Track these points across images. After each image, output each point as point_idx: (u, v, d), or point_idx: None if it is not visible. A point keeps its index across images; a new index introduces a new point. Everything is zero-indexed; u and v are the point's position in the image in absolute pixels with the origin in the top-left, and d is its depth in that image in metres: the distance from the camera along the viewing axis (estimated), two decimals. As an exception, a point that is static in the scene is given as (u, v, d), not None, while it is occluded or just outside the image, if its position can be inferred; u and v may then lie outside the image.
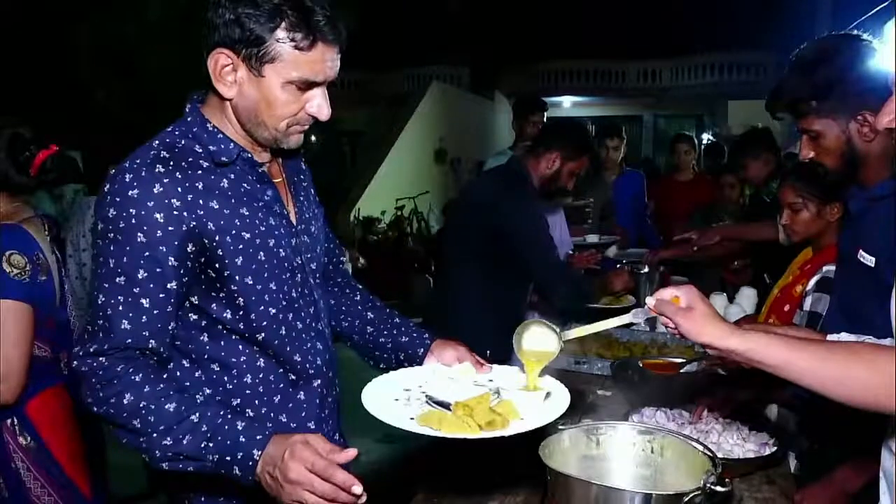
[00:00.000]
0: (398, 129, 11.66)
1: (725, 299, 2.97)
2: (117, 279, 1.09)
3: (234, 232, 1.14)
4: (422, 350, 1.38)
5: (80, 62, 9.04)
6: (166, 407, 1.07)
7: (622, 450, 1.35)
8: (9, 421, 1.69)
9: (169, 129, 1.19)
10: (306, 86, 1.12)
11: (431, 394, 1.21)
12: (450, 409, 1.14)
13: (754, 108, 13.36)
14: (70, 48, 9.02)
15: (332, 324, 1.41)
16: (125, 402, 1.07)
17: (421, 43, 15.43)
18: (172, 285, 1.11)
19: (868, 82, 1.32)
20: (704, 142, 17.35)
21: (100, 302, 1.09)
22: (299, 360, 1.24)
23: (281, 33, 1.06)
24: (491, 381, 1.29)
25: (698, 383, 1.94)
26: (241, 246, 1.15)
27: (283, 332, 1.21)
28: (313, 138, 21.70)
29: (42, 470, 1.72)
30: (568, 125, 2.80)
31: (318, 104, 1.15)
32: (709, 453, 1.23)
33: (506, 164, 2.75)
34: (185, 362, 1.20)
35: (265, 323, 1.19)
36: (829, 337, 1.24)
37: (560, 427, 1.30)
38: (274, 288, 1.19)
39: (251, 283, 1.16)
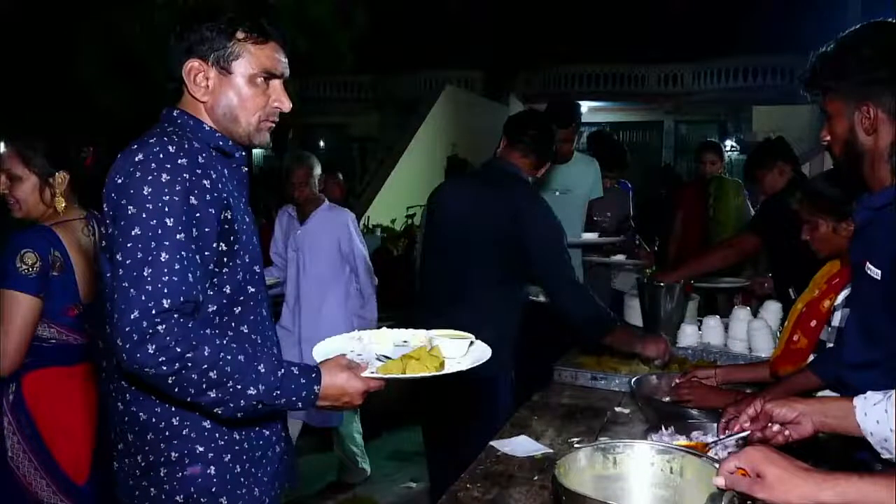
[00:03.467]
0: (410, 135, 11.71)
1: (749, 313, 2.95)
2: (177, 236, 1.19)
3: (239, 215, 1.33)
4: None
5: (83, 63, 9.18)
6: (238, 357, 1.20)
7: (640, 470, 1.34)
8: (8, 390, 1.97)
9: (157, 131, 1.29)
10: (269, 76, 1.35)
11: (380, 353, 1.45)
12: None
13: (781, 113, 13.39)
14: (74, 49, 9.16)
15: None
16: (205, 353, 1.16)
17: (434, 46, 15.52)
18: (214, 246, 1.26)
19: (880, 73, 1.32)
20: (728, 148, 17.37)
21: (163, 259, 1.16)
22: (260, 343, 1.40)
23: (240, 34, 1.32)
24: (406, 341, 1.53)
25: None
26: (244, 227, 1.35)
27: (252, 317, 1.38)
28: (322, 143, 21.86)
29: (29, 444, 1.97)
30: (531, 113, 2.80)
31: (280, 96, 1.38)
32: (731, 474, 1.22)
33: (498, 165, 2.53)
34: None
35: (250, 302, 1.36)
36: (857, 400, 1.24)
37: (576, 445, 1.30)
38: (258, 271, 1.39)
39: (248, 261, 1.34)
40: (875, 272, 1.35)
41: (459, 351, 1.45)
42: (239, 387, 1.19)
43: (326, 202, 3.67)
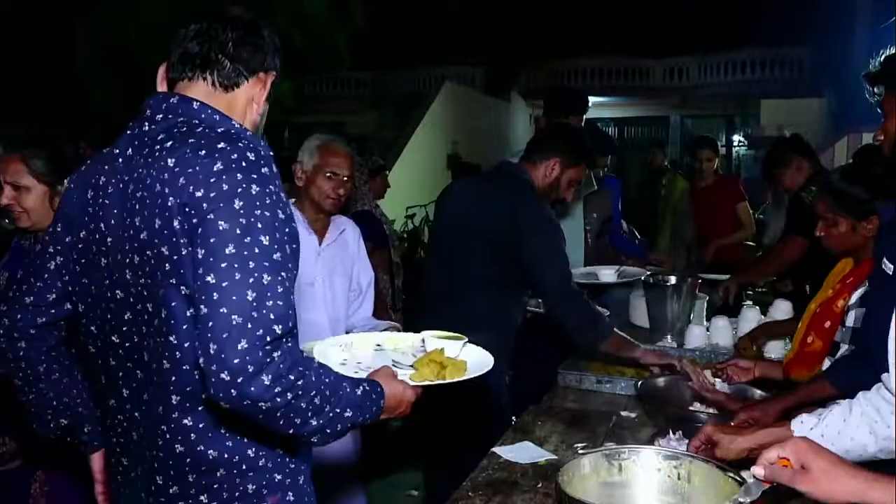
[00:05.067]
0: (409, 133, 11.70)
1: (759, 312, 2.94)
2: (274, 255, 1.12)
3: None
4: None
5: (79, 61, 9.20)
6: (328, 379, 1.17)
7: (646, 476, 1.33)
8: None
9: (218, 135, 1.22)
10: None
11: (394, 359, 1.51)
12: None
13: (789, 106, 13.36)
14: (69, 46, 9.18)
15: None
16: (312, 379, 1.13)
17: (432, 42, 15.51)
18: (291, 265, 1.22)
19: None
20: (736, 143, 17.37)
21: (265, 282, 1.08)
22: None
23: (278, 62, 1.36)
24: (380, 345, 1.61)
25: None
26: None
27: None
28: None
29: None
30: (566, 128, 2.75)
31: None
32: (739, 479, 1.21)
33: (508, 169, 2.57)
34: None
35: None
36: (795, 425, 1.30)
37: (580, 451, 1.29)
38: None
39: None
40: (889, 267, 1.36)
41: (453, 352, 1.48)
42: (338, 410, 1.17)
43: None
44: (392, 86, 16.73)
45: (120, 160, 1.25)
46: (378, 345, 1.61)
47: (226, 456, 1.23)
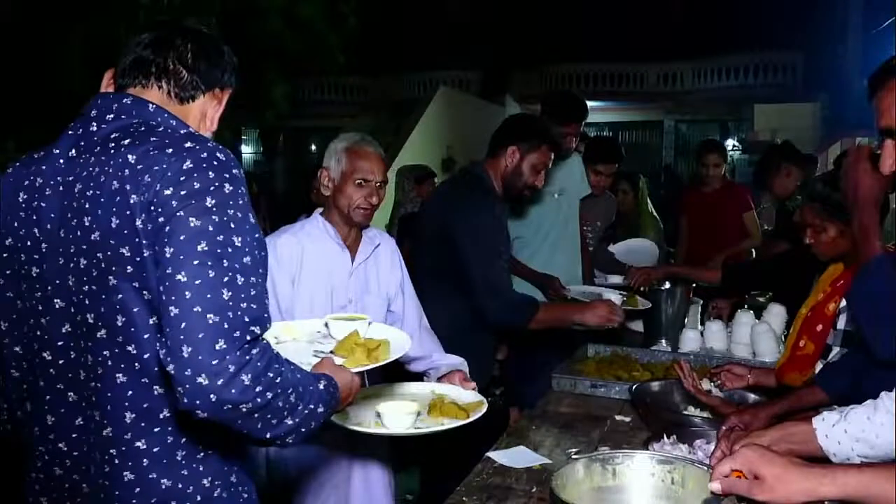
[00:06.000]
0: (403, 137, 11.71)
1: (752, 317, 2.95)
2: (244, 259, 1.07)
3: None
4: None
5: (66, 63, 9.18)
6: (301, 375, 1.14)
7: (640, 481, 1.33)
8: None
9: (184, 134, 1.18)
10: None
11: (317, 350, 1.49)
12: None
13: (783, 112, 13.43)
14: (63, 54, 9.17)
15: None
16: (288, 376, 1.08)
17: (427, 46, 15.54)
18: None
19: None
20: (730, 148, 17.41)
21: (240, 282, 1.04)
22: None
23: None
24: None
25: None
26: None
27: None
28: (313, 147, 21.78)
29: None
30: (520, 116, 2.79)
31: None
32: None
33: (469, 170, 2.67)
34: None
35: None
36: (816, 422, 1.29)
37: (574, 456, 1.29)
38: None
39: None
40: None
41: (363, 333, 1.50)
42: (311, 406, 1.12)
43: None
44: (387, 90, 16.76)
45: (61, 161, 1.16)
46: (275, 338, 1.53)
47: (180, 486, 1.14)
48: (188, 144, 1.11)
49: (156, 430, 1.13)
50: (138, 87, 1.22)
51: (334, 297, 1.97)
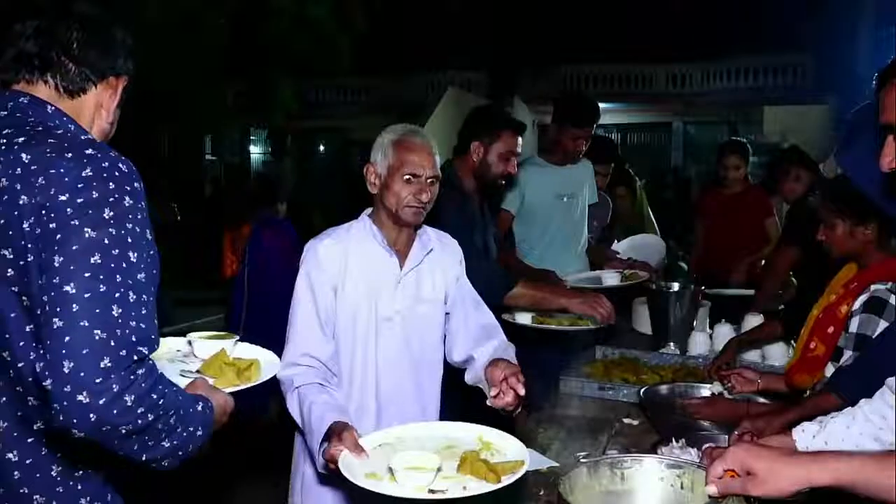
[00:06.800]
0: (411, 138, 11.72)
1: (761, 319, 2.93)
2: (139, 276, 1.03)
3: None
4: None
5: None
6: (183, 397, 1.09)
7: (649, 485, 1.32)
8: None
9: (79, 139, 1.11)
10: None
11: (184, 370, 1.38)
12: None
13: (792, 113, 13.34)
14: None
15: None
16: (171, 399, 1.04)
17: (436, 48, 15.55)
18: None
19: None
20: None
21: (131, 299, 1.00)
22: None
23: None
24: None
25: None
26: None
27: None
28: (322, 148, 21.83)
29: None
30: (477, 110, 2.78)
31: None
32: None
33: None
34: None
35: None
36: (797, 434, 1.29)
37: (582, 460, 1.28)
38: None
39: None
40: None
41: (212, 350, 1.40)
42: (190, 429, 1.07)
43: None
44: (396, 91, 16.76)
45: None
46: None
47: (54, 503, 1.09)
48: (89, 151, 1.04)
49: (29, 440, 1.07)
50: (23, 82, 1.14)
51: (378, 309, 1.78)
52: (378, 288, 1.78)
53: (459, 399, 1.89)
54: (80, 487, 1.11)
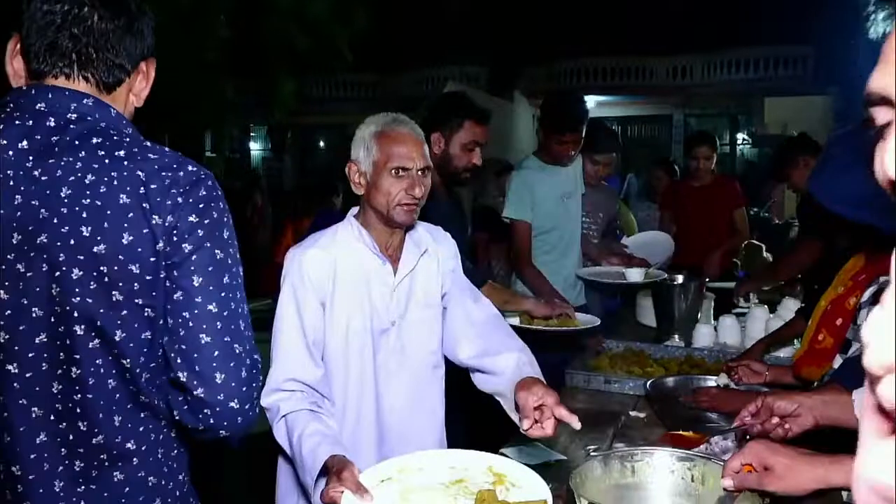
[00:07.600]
0: (412, 133, 11.68)
1: (767, 311, 2.92)
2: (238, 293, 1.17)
3: None
4: None
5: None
6: None
7: (660, 478, 1.32)
8: None
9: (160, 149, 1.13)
10: None
11: None
12: None
13: (793, 105, 13.32)
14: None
15: None
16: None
17: (435, 43, 15.51)
18: None
19: None
20: (740, 142, 17.30)
21: (245, 313, 1.15)
22: None
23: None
24: None
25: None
26: None
27: None
28: (322, 144, 21.82)
29: None
30: (438, 99, 2.71)
31: None
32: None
33: None
34: None
35: None
36: (856, 394, 1.27)
37: (592, 453, 1.27)
38: None
39: None
40: None
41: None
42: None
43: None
44: (395, 87, 16.74)
45: (10, 153, 1.03)
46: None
47: (163, 482, 1.21)
48: (191, 168, 1.10)
49: (140, 428, 1.15)
50: (62, 77, 1.09)
51: (374, 322, 1.63)
52: (372, 299, 1.63)
53: (458, 398, 1.88)
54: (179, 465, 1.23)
